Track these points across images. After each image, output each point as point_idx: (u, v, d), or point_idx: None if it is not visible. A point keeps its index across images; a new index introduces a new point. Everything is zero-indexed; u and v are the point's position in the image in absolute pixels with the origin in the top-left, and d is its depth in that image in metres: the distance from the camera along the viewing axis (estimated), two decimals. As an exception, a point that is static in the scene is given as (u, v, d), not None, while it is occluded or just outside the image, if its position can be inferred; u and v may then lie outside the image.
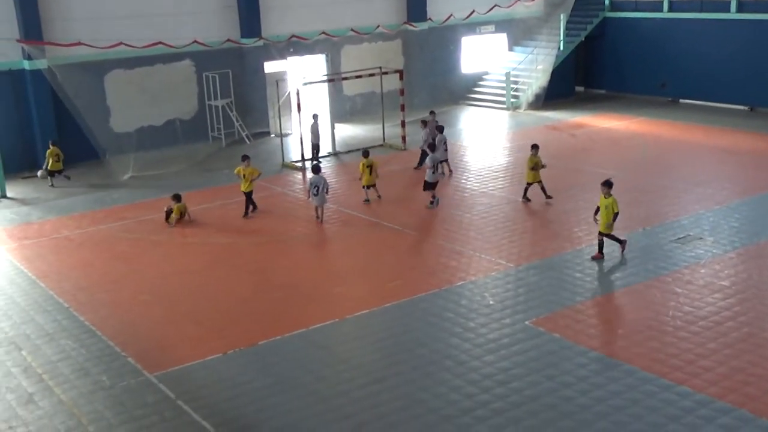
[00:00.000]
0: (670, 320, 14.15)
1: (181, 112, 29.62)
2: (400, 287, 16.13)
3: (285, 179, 24.65)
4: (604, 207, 16.82)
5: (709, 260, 16.85)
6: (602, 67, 37.63)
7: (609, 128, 30.38)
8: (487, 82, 36.72)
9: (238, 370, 13.01)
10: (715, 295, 15.12)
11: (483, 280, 16.33)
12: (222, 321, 14.94)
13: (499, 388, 12.11)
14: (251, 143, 29.76)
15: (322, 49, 32.39)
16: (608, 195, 16.83)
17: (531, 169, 21.05)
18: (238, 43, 29.95)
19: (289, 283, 16.64)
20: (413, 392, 12.12)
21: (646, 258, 17.12)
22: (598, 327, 14.01)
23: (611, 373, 12.41)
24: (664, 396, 11.71)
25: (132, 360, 13.48)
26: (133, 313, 15.46)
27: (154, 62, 28.55)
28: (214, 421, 11.54)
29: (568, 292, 15.52)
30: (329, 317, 14.81)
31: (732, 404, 11.42)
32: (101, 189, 24.57)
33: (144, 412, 11.88)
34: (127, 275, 17.41)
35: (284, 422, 11.49)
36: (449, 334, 13.99)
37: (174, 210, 20.68)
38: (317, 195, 20.40)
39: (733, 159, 25.24)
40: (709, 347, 13.10)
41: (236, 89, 30.15)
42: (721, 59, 32.89)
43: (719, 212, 19.85)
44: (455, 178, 24.01)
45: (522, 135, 29.78)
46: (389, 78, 29.43)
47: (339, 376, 12.70)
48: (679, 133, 29.06)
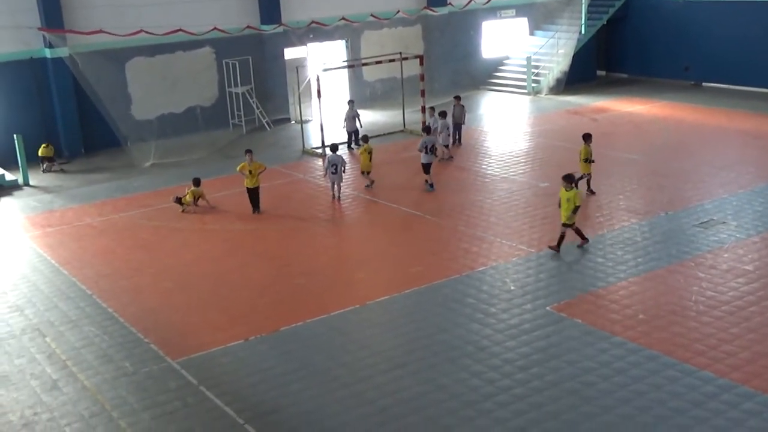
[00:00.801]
0: (693, 305, 14.05)
1: (202, 99, 29.69)
2: (421, 273, 16.11)
3: (305, 166, 24.67)
4: (566, 200, 16.62)
5: (732, 245, 16.70)
6: (624, 51, 37.28)
7: (631, 112, 30.13)
8: (507, 66, 36.49)
9: (259, 357, 13.06)
10: (738, 279, 14.99)
11: (504, 265, 16.28)
12: (243, 307, 15.01)
13: (521, 373, 12.09)
14: (271, 130, 29.80)
15: (341, 35, 32.31)
16: (569, 188, 16.63)
17: (584, 161, 20.19)
18: (258, 29, 29.93)
19: (310, 270, 16.67)
20: (435, 377, 12.12)
21: (669, 243, 16.99)
22: (620, 312, 13.94)
23: (633, 358, 12.35)
24: (686, 381, 11.64)
25: (154, 346, 13.57)
26: (155, 299, 15.56)
27: (175, 49, 28.62)
28: (236, 407, 11.61)
29: (590, 278, 15.45)
30: (350, 303, 14.84)
31: (756, 389, 11.33)
32: (123, 176, 24.70)
33: (167, 398, 11.96)
34: (149, 262, 17.51)
35: (306, 408, 11.53)
36: (470, 319, 13.97)
37: (188, 194, 20.72)
38: (335, 173, 20.89)
39: (757, 143, 24.96)
40: (732, 332, 12.99)
41: (256, 76, 30.17)
42: (745, 42, 32.47)
43: (743, 196, 19.65)
44: (476, 164, 23.91)
45: (543, 120, 29.62)
46: (409, 63, 29.31)
47: (360, 362, 12.73)
48: (702, 117, 28.78)
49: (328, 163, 21.13)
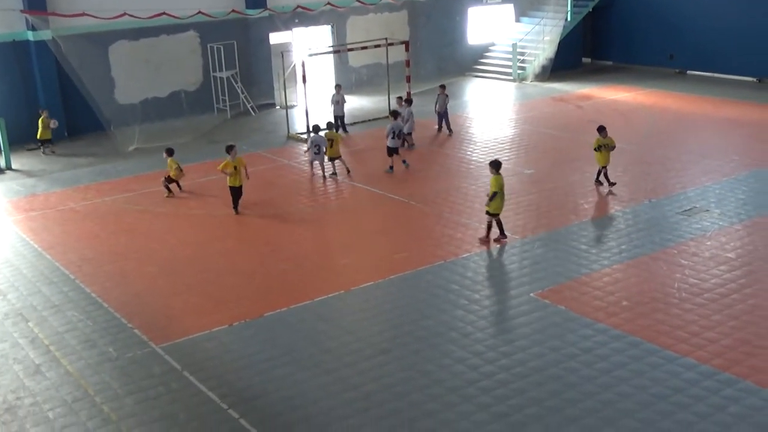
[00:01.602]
0: (676, 292, 14.15)
1: (186, 83, 29.53)
2: (406, 259, 16.13)
3: (290, 151, 24.59)
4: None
5: (715, 232, 16.81)
6: (610, 38, 37.35)
7: (616, 100, 30.21)
8: (493, 53, 36.47)
9: (244, 342, 13.06)
10: (720, 267, 15.09)
11: (488, 252, 16.31)
12: (228, 293, 14.98)
13: (504, 359, 12.14)
14: (256, 115, 29.69)
15: (327, 20, 32.18)
16: (493, 174, 16.59)
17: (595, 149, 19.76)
18: (243, 14, 29.76)
19: (295, 255, 16.66)
20: (419, 363, 12.16)
21: (652, 230, 17.08)
22: (604, 299, 14.01)
23: (616, 344, 12.43)
24: (668, 368, 11.73)
25: (138, 331, 13.54)
26: (139, 284, 15.51)
27: (159, 33, 28.42)
28: (220, 392, 11.60)
29: (574, 264, 15.51)
30: (335, 289, 14.84)
31: (737, 376, 11.44)
32: (106, 161, 24.56)
33: (150, 383, 11.94)
34: (133, 247, 17.44)
35: (290, 393, 11.54)
36: (454, 305, 14.01)
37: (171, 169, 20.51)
38: (318, 154, 21.30)
39: (740, 131, 25.09)
40: (714, 319, 13.10)
41: (241, 61, 30.02)
42: (729, 30, 32.61)
43: (726, 184, 19.77)
44: (461, 151, 23.92)
45: (528, 107, 29.65)
46: (395, 49, 29.24)
47: (345, 348, 12.75)
48: (686, 105, 28.90)
49: (312, 143, 21.41)
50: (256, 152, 24.42)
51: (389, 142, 21.94)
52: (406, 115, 23.99)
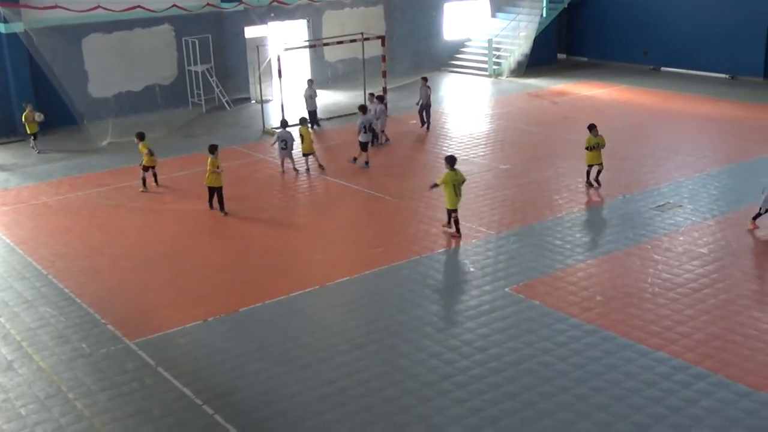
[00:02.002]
0: (649, 287, 14.27)
1: (160, 77, 29.32)
2: (382, 254, 16.14)
3: (265, 146, 24.49)
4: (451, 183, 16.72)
5: (687, 227, 16.96)
6: (585, 35, 37.53)
7: (591, 96, 30.37)
8: (469, 48, 36.52)
9: (218, 337, 13.01)
10: (693, 262, 15.23)
11: (464, 247, 16.36)
12: (202, 288, 14.91)
13: (479, 354, 12.19)
14: (231, 109, 29.55)
15: (303, 15, 32.07)
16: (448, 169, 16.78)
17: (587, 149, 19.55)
18: (218, 7, 29.59)
19: (270, 250, 16.61)
20: (394, 358, 12.17)
21: (626, 225, 17.21)
22: (578, 294, 14.10)
23: (590, 339, 12.52)
24: (641, 362, 11.83)
25: (112, 327, 13.44)
26: (113, 280, 15.39)
27: (133, 26, 28.20)
28: (194, 388, 11.55)
29: (548, 260, 15.59)
30: (310, 284, 14.82)
31: (708, 370, 11.56)
32: (79, 155, 24.33)
33: (124, 379, 11.87)
34: (106, 242, 17.31)
35: (265, 388, 11.52)
36: (429, 301, 14.04)
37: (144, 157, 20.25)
38: (285, 149, 21.29)
39: (713, 127, 25.32)
40: (686, 314, 13.22)
41: (216, 55, 29.84)
42: (703, 28, 32.88)
43: (699, 180, 19.95)
44: (437, 146, 23.95)
45: (504, 102, 29.74)
46: (371, 44, 29.19)
47: (320, 343, 12.73)
48: (660, 101, 29.11)
49: (278, 138, 21.44)
50: (231, 147, 24.30)
51: (361, 137, 21.93)
52: (378, 112, 23.90)
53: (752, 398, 10.86)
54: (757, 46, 31.69)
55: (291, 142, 21.49)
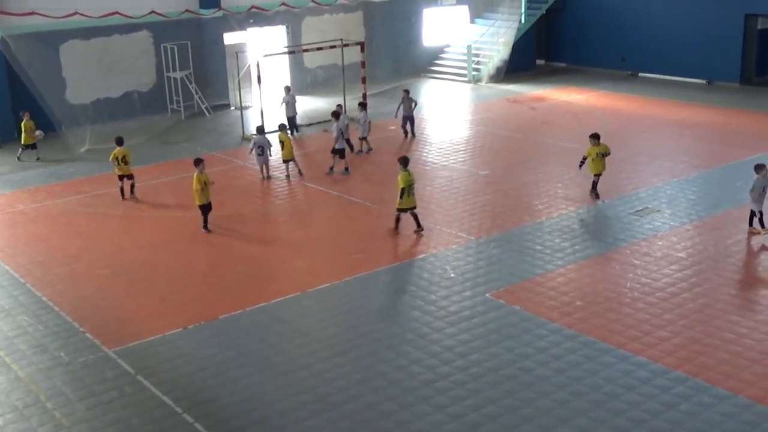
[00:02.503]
0: (628, 292, 14.34)
1: (139, 83, 29.19)
2: (362, 260, 16.13)
3: (245, 153, 24.41)
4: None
5: (666, 232, 17.08)
6: (563, 41, 37.76)
7: (569, 101, 30.54)
8: (448, 54, 36.63)
9: (199, 345, 12.95)
10: (672, 266, 15.34)
11: (444, 252, 16.39)
12: (182, 295, 14.84)
13: (460, 360, 12.20)
14: (211, 116, 29.46)
15: (282, 21, 32.05)
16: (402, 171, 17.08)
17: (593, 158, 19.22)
18: (197, 13, 29.51)
19: (251, 257, 16.56)
20: (375, 365, 12.16)
21: (605, 230, 17.31)
22: (557, 299, 14.15)
23: (570, 344, 12.56)
24: (621, 366, 11.89)
25: (90, 335, 13.34)
26: (91, 287, 15.29)
27: (111, 33, 28.07)
28: (174, 396, 11.49)
29: (528, 265, 15.64)
30: (291, 291, 14.78)
31: (687, 374, 11.63)
32: (57, 162, 24.16)
33: (103, 388, 11.78)
34: (85, 250, 17.19)
35: (246, 395, 11.47)
36: (410, 307, 14.04)
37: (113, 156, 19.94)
38: (261, 155, 21.27)
39: (690, 132, 25.53)
40: (665, 318, 13.31)
41: (195, 61, 29.75)
42: (680, 33, 33.18)
43: (676, 185, 20.10)
44: (417, 152, 23.98)
45: (483, 108, 29.84)
46: (350, 50, 29.22)
47: (301, 350, 12.71)
48: (638, 107, 29.31)
49: (255, 145, 21.44)
50: (211, 153, 24.21)
51: (338, 144, 21.91)
52: (361, 119, 23.89)
53: (731, 402, 10.94)
54: (734, 52, 32.02)
55: (268, 148, 21.45)
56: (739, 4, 31.46)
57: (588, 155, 19.24)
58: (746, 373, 11.59)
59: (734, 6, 31.57)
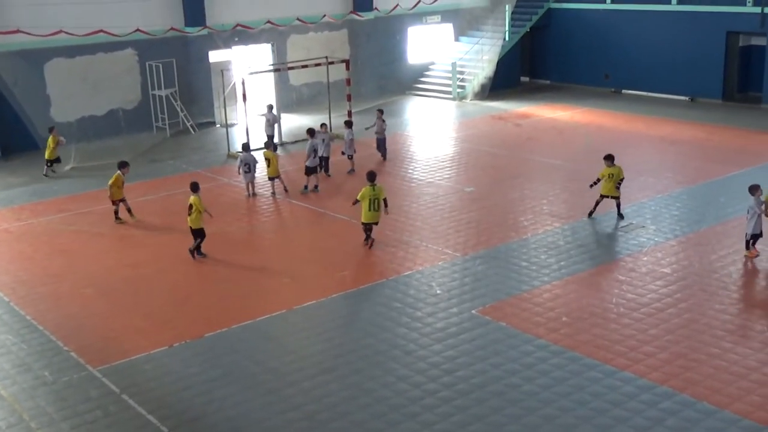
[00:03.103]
0: (614, 307, 14.38)
1: (124, 101, 29.15)
2: (348, 277, 16.11)
3: (230, 170, 24.39)
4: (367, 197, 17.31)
5: (651, 248, 17.15)
6: (547, 58, 37.99)
7: (554, 118, 30.70)
8: (433, 72, 36.79)
9: (184, 363, 12.87)
10: (657, 282, 15.39)
11: (430, 269, 16.39)
12: (167, 313, 14.76)
13: (447, 376, 12.18)
14: (196, 133, 29.43)
15: (267, 39, 32.13)
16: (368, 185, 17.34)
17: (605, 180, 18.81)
18: (182, 31, 29.55)
19: (237, 275, 16.51)
20: (362, 382, 12.12)
21: (591, 246, 17.36)
22: (544, 315, 14.17)
23: (556, 360, 12.57)
24: (607, 382, 11.90)
25: (75, 354, 13.24)
26: (75, 306, 15.19)
27: (96, 51, 28.04)
28: (160, 415, 11.41)
29: (514, 281, 15.67)
30: (277, 308, 14.74)
31: (674, 389, 11.65)
32: (41, 180, 24.05)
33: (87, 407, 11.69)
34: (69, 268, 17.09)
35: (232, 413, 11.41)
36: (396, 323, 14.02)
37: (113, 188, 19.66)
38: (249, 172, 21.26)
39: (673, 148, 25.70)
40: (651, 333, 13.34)
41: (180, 79, 29.75)
42: (663, 50, 33.46)
43: (661, 201, 20.21)
44: (402, 169, 24.02)
45: (468, 125, 29.95)
46: (335, 68, 29.31)
47: (287, 367, 12.65)
48: (621, 123, 29.49)
49: (241, 162, 21.41)
50: (196, 171, 24.19)
51: (309, 162, 21.80)
52: (347, 136, 23.81)
53: (717, 417, 10.96)
54: (716, 69, 32.30)
55: (254, 165, 21.45)
56: (721, 21, 31.78)
57: (601, 177, 18.86)
58: (732, 388, 11.63)
59: (716, 24, 31.89)
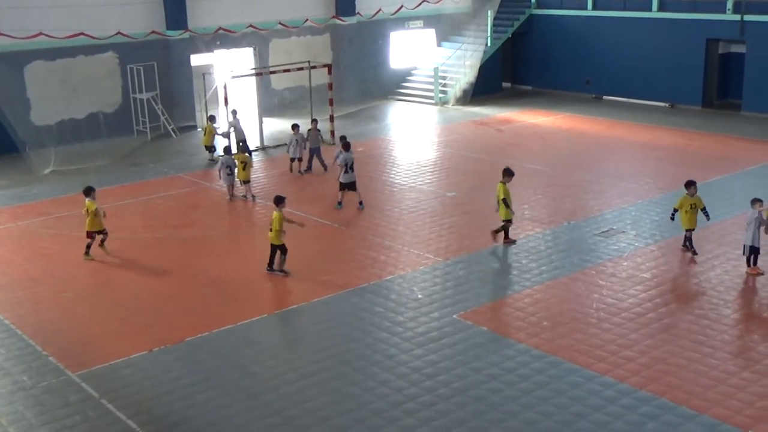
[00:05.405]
0: (594, 312, 14.44)
1: (104, 104, 29.00)
2: (330, 282, 16.09)
3: (212, 174, 24.32)
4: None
5: (631, 253, 17.24)
6: (529, 64, 38.15)
7: (535, 124, 30.82)
8: (415, 77, 36.87)
9: (164, 368, 12.80)
10: (636, 287, 15.47)
11: (411, 274, 16.40)
12: (148, 318, 14.68)
13: (428, 381, 12.18)
14: (177, 137, 29.31)
15: (249, 43, 32.07)
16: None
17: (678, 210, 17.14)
18: (164, 35, 29.45)
19: (218, 279, 16.45)
20: (343, 387, 12.11)
21: (571, 251, 17.43)
22: (525, 319, 14.21)
23: (537, 364, 12.60)
24: (588, 386, 11.94)
25: (53, 359, 13.14)
26: (55, 311, 15.07)
27: (77, 54, 27.90)
28: (139, 420, 11.34)
29: (495, 286, 15.70)
30: (258, 313, 14.69)
31: (653, 393, 11.71)
32: (21, 184, 23.86)
33: (66, 412, 11.59)
34: (48, 272, 16.96)
35: (213, 418, 11.35)
36: (378, 328, 14.01)
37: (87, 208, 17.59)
38: (230, 175, 21.28)
39: (654, 154, 25.87)
40: (631, 338, 13.40)
41: (162, 82, 29.64)
42: (643, 57, 33.69)
43: (641, 206, 20.33)
44: (384, 174, 24.03)
45: (450, 130, 30.01)
46: (318, 72, 29.31)
47: (269, 372, 12.62)
48: (602, 129, 29.66)
49: (222, 165, 21.42)
50: (177, 175, 24.10)
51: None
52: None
53: (696, 421, 11.02)
54: (695, 76, 32.56)
55: (234, 167, 21.47)
56: (701, 29, 32.04)
57: (680, 207, 16.99)
58: (711, 393, 11.70)
59: (696, 31, 32.14)
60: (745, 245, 16.01)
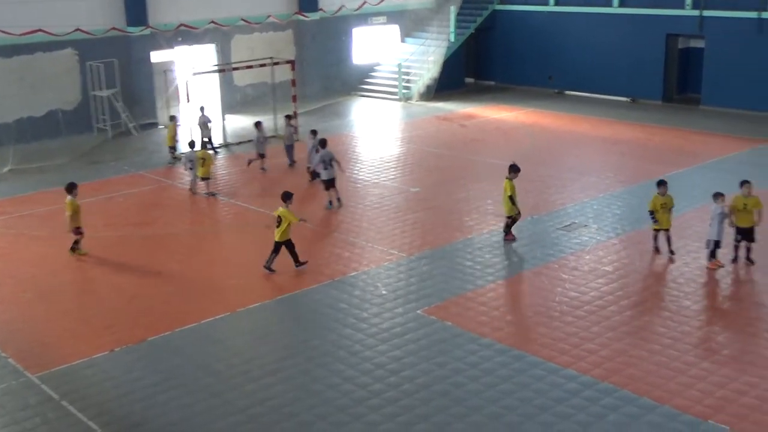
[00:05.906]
0: (557, 306, 14.54)
1: (63, 102, 28.58)
2: (293, 279, 16.02)
3: (174, 171, 24.11)
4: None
5: (593, 247, 17.38)
6: (492, 59, 38.30)
7: (498, 119, 30.95)
8: (379, 73, 36.83)
9: (125, 368, 12.66)
10: (599, 280, 15.61)
11: (375, 270, 16.39)
12: (109, 318, 14.51)
13: (392, 377, 12.18)
14: (138, 135, 29.00)
15: (211, 39, 31.81)
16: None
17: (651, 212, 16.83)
18: (124, 31, 29.10)
19: (180, 277, 16.30)
20: (307, 383, 12.06)
21: (534, 246, 17.53)
22: (489, 314, 14.26)
23: (501, 358, 12.66)
24: (551, 379, 12.02)
25: (12, 360, 12.94)
26: (14, 311, 14.84)
27: (34, 50, 27.46)
28: (101, 421, 11.20)
29: (459, 281, 15.74)
30: (222, 311, 14.59)
31: (615, 385, 11.81)
32: (-22, 183, 23.49)
33: (26, 414, 11.42)
34: (6, 272, 16.69)
35: (175, 418, 11.25)
36: (342, 324, 13.98)
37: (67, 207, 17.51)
38: (192, 169, 21.40)
39: (615, 149, 26.10)
40: (593, 331, 13.51)
41: (122, 79, 29.29)
42: (604, 52, 34.00)
43: (603, 200, 20.50)
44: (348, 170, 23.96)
45: (413, 126, 30.04)
46: (281, 68, 29.18)
47: (232, 370, 12.53)
48: (565, 124, 29.87)
49: (186, 160, 21.62)
50: (138, 173, 23.85)
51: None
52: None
53: (658, 412, 11.14)
54: (656, 71, 32.93)
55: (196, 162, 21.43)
56: (661, 24, 32.40)
57: (653, 209, 16.68)
58: (672, 384, 11.83)
59: (656, 26, 32.50)
60: (709, 240, 16.08)
